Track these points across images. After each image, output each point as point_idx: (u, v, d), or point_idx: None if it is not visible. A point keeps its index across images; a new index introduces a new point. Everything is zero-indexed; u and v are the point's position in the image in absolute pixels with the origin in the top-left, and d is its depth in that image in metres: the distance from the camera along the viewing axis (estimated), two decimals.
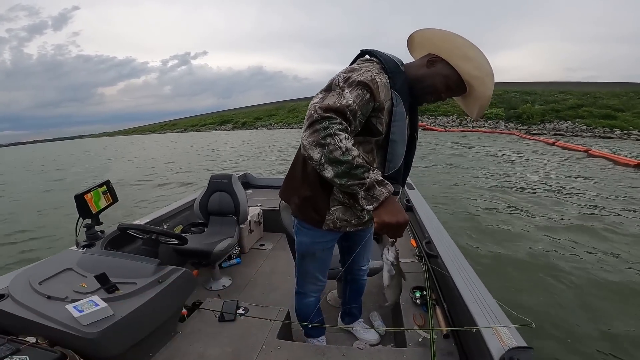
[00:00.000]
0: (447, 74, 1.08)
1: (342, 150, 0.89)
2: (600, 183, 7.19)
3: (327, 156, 0.90)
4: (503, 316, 1.28)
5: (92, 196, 1.88)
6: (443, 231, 2.18)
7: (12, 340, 1.13)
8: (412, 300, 1.75)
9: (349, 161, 0.89)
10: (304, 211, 1.33)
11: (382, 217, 0.94)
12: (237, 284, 2.54)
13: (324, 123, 0.90)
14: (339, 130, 0.91)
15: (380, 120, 1.07)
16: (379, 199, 0.92)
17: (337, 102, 0.94)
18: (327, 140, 0.89)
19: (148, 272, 1.43)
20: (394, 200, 0.95)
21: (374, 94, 1.00)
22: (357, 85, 0.98)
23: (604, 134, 19.38)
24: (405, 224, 0.95)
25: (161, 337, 1.49)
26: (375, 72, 1.04)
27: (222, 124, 57.81)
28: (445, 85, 1.10)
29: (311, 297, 1.61)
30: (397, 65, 1.11)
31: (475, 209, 5.63)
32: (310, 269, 1.51)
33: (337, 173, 0.91)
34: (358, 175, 0.91)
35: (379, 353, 1.46)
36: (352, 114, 0.96)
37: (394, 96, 1.06)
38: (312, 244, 1.41)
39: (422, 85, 1.12)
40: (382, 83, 1.03)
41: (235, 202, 2.64)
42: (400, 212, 0.95)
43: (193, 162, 15.05)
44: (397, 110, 1.07)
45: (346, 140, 0.90)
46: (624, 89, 27.55)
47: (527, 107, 25.78)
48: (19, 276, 1.46)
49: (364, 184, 0.91)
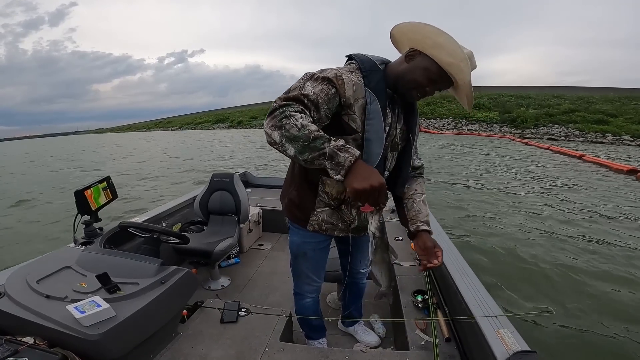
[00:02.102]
0: (426, 66, 1.05)
1: (298, 127, 0.88)
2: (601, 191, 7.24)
3: (285, 135, 0.89)
4: (506, 320, 1.28)
5: (92, 192, 1.85)
6: (444, 235, 2.18)
7: (10, 340, 1.09)
8: (413, 303, 1.75)
9: (305, 134, 0.87)
10: (291, 211, 1.37)
11: (352, 185, 0.86)
12: (236, 284, 2.52)
13: (281, 109, 0.92)
14: (295, 111, 0.92)
15: (352, 117, 1.08)
16: (344, 165, 0.86)
17: (295, 93, 0.98)
18: (283, 121, 0.90)
19: (150, 272, 1.40)
20: (362, 165, 0.89)
21: (338, 89, 1.03)
22: (322, 80, 1.02)
23: (596, 139, 19.61)
24: (381, 186, 0.87)
25: (162, 339, 1.46)
26: (344, 71, 1.06)
27: (218, 123, 57.51)
28: (427, 78, 1.07)
29: (308, 298, 1.61)
30: (374, 64, 1.11)
31: (468, 207, 5.68)
32: (303, 268, 1.52)
33: (297, 149, 0.89)
34: (318, 146, 0.87)
35: (382, 356, 1.46)
36: (312, 103, 0.98)
37: (368, 94, 1.07)
38: (302, 243, 1.43)
39: (405, 80, 1.10)
40: (351, 80, 1.05)
41: (237, 202, 2.61)
42: (372, 175, 0.87)
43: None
44: (372, 107, 1.08)
45: (302, 119, 0.90)
46: (617, 94, 27.89)
47: (522, 111, 26.01)
48: (16, 274, 1.42)
49: (324, 153, 0.87)
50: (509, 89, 34.18)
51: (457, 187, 7.61)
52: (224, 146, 20.91)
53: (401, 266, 2.14)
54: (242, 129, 45.56)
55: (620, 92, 28.86)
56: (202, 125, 61.24)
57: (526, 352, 1.09)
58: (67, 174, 12.94)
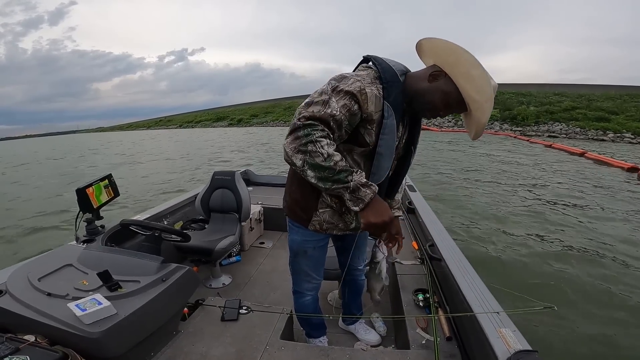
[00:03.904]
0: (448, 91, 1.02)
1: (324, 157, 0.90)
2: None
3: (309, 162, 0.90)
4: (507, 319, 1.27)
5: (93, 190, 1.84)
6: (446, 234, 2.17)
7: (11, 338, 1.10)
8: (414, 302, 1.74)
9: (330, 167, 0.90)
10: (293, 210, 1.37)
11: (368, 218, 0.97)
12: (237, 282, 2.52)
13: (306, 130, 0.91)
14: (321, 137, 0.91)
15: (368, 131, 1.06)
16: (365, 200, 0.94)
17: (321, 111, 0.94)
18: (308, 147, 0.90)
19: (151, 270, 1.40)
20: (379, 200, 0.98)
21: (361, 106, 0.99)
22: (345, 95, 0.97)
23: (597, 137, 19.54)
24: (391, 221, 0.99)
25: (163, 336, 1.46)
26: (366, 82, 1.01)
27: (218, 121, 57.42)
28: (445, 103, 1.05)
29: (307, 296, 1.62)
30: (395, 75, 1.06)
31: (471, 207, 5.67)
32: (303, 266, 1.52)
33: (319, 178, 0.92)
34: (341, 179, 0.92)
35: (383, 355, 1.45)
36: (336, 124, 0.96)
37: (386, 108, 1.03)
38: (303, 242, 1.43)
39: (422, 100, 1.07)
40: (373, 94, 1.00)
41: (238, 200, 2.61)
42: (385, 212, 0.98)
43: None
44: (388, 122, 1.04)
45: (328, 147, 0.91)
46: (618, 92, 27.77)
47: (522, 108, 25.90)
48: (17, 272, 1.42)
49: (348, 187, 0.93)
50: (509, 87, 34.04)
51: (457, 184, 7.61)
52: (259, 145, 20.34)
53: (402, 264, 2.14)
54: (243, 127, 45.47)
55: (621, 90, 28.75)
56: (202, 123, 61.16)
57: (528, 352, 1.08)
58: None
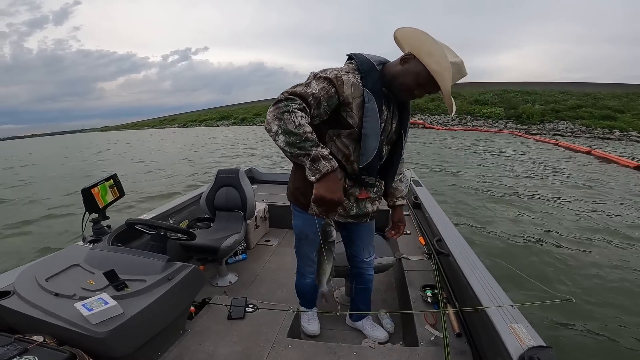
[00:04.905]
0: (417, 71, 1.15)
1: (295, 125, 1.01)
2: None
3: (282, 128, 1.01)
4: (519, 315, 1.25)
5: (99, 190, 1.85)
6: (453, 229, 2.15)
7: (19, 339, 1.09)
8: (422, 298, 1.73)
9: (299, 134, 1.00)
10: (295, 195, 1.49)
11: (319, 190, 1.02)
12: (243, 280, 2.52)
13: (286, 102, 1.05)
14: (296, 109, 1.04)
15: (350, 114, 1.20)
16: (321, 171, 1.01)
17: (302, 90, 1.10)
18: (284, 115, 1.02)
19: (157, 269, 1.40)
20: (335, 178, 1.04)
21: (337, 89, 1.15)
22: (324, 80, 1.14)
23: (603, 135, 19.39)
24: (339, 202, 1.04)
25: (170, 336, 1.46)
26: (344, 72, 1.18)
27: (222, 120, 57.62)
28: (416, 82, 1.17)
29: (308, 279, 1.73)
30: (372, 65, 1.22)
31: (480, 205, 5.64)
32: (305, 250, 1.62)
33: (287, 142, 1.01)
34: (306, 147, 1.01)
35: (391, 352, 1.44)
36: (314, 101, 1.10)
37: (366, 93, 1.19)
38: (304, 226, 1.52)
39: (397, 82, 1.21)
40: (349, 81, 1.16)
41: (243, 198, 2.61)
42: (338, 191, 1.04)
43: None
44: (369, 106, 1.19)
45: (301, 118, 1.03)
46: (625, 90, 27.55)
47: (527, 107, 25.75)
48: (25, 272, 1.42)
49: (309, 154, 1.01)
50: (514, 85, 33.83)
51: (465, 180, 7.60)
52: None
53: (410, 260, 2.12)
54: (247, 126, 45.60)
55: (627, 89, 28.51)
56: (206, 122, 61.39)
57: (541, 348, 1.06)
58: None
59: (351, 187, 1.37)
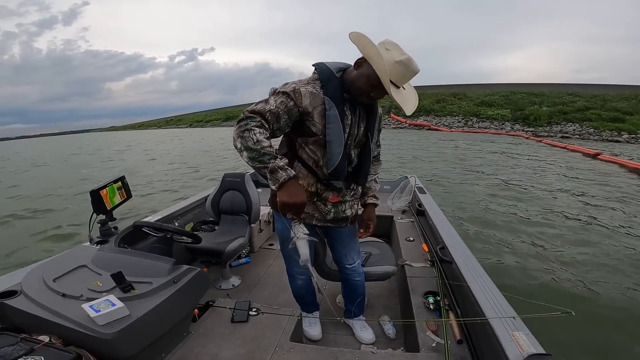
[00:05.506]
0: (368, 74, 1.20)
1: (254, 141, 1.09)
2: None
3: (244, 145, 1.10)
4: (520, 322, 1.26)
5: (107, 192, 1.88)
6: (457, 236, 2.15)
7: (26, 339, 1.11)
8: (424, 305, 1.73)
9: (257, 149, 1.09)
10: (273, 201, 1.50)
11: (281, 197, 1.09)
12: (246, 283, 2.53)
13: (246, 121, 1.14)
14: (255, 126, 1.12)
15: (312, 122, 1.27)
16: (279, 180, 1.09)
17: (261, 107, 1.18)
18: (244, 133, 1.11)
19: (163, 272, 1.41)
20: (294, 184, 1.11)
21: (296, 102, 1.22)
22: (282, 95, 1.22)
23: (611, 137, 19.19)
24: (301, 204, 1.11)
25: (174, 337, 1.48)
26: (302, 84, 1.25)
27: (227, 120, 57.87)
28: (369, 85, 1.21)
29: (299, 280, 1.77)
30: (331, 73, 1.28)
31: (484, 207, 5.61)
32: (289, 251, 1.62)
33: (249, 157, 1.10)
34: (264, 160, 1.09)
35: (392, 357, 1.45)
36: (272, 116, 1.17)
37: (326, 101, 1.25)
38: (285, 229, 1.53)
39: (354, 87, 1.26)
40: (307, 91, 1.23)
41: (248, 202, 2.63)
42: (298, 194, 1.10)
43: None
44: (330, 113, 1.26)
45: (260, 135, 1.11)
46: (633, 92, 27.21)
47: (535, 109, 25.56)
48: (32, 272, 1.44)
49: (267, 167, 1.09)
50: (521, 86, 33.58)
51: (468, 185, 7.56)
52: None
53: (412, 267, 2.13)
54: None
55: (636, 90, 28.15)
56: (212, 122, 61.66)
57: (541, 355, 1.06)
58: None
59: (324, 191, 1.43)
